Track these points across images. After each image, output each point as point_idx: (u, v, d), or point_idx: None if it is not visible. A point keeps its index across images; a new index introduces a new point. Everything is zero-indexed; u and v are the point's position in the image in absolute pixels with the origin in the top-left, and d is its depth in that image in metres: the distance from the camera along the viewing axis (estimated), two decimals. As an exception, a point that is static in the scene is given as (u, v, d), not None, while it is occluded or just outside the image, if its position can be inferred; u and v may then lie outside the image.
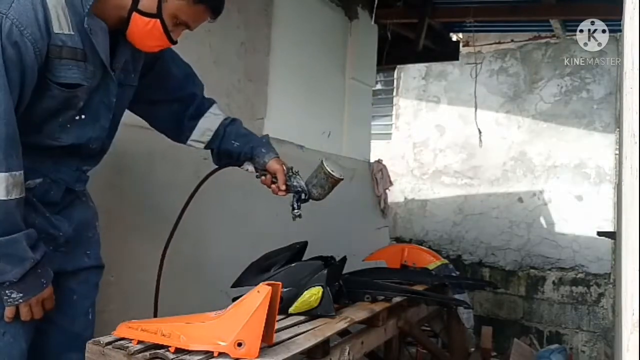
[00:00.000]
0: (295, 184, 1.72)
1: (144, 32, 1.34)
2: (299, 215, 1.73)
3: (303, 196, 1.73)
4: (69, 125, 1.36)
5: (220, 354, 1.15)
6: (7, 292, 1.26)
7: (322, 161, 1.73)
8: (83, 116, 1.37)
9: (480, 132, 4.66)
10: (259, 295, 1.14)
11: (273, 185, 1.72)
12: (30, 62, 1.20)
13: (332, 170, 1.70)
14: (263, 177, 1.74)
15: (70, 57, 1.26)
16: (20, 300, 1.27)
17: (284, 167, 1.70)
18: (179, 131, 1.71)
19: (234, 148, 1.71)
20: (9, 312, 1.29)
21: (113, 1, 1.31)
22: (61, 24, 1.23)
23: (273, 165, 1.69)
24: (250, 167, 1.74)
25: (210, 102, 1.74)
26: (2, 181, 1.18)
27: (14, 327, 1.32)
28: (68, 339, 1.47)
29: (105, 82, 1.39)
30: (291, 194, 1.73)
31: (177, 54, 1.68)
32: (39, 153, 1.35)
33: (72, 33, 1.26)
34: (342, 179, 1.72)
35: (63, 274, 1.43)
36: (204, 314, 1.24)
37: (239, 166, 1.75)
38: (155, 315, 1.70)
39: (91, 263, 1.53)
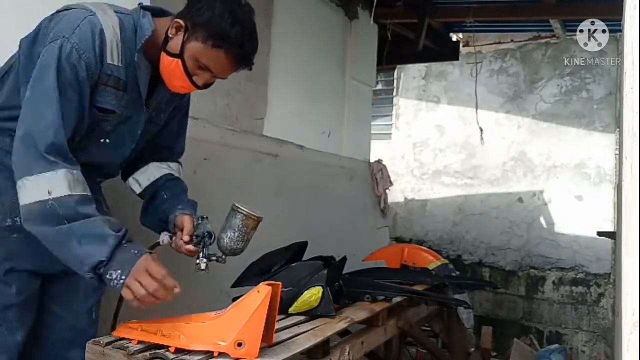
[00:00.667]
0: (200, 230, 1.47)
1: (169, 71, 1.40)
2: (205, 269, 1.44)
3: (209, 242, 1.48)
4: (93, 145, 1.43)
5: (220, 354, 1.15)
6: (107, 276, 1.23)
7: (233, 204, 1.49)
8: (108, 140, 1.45)
9: (481, 130, 4.65)
10: (259, 295, 1.15)
11: (180, 243, 1.48)
12: (83, 83, 1.31)
13: (243, 208, 1.45)
14: (174, 238, 1.50)
15: (112, 86, 1.37)
16: (124, 277, 1.22)
17: (192, 217, 1.51)
18: (132, 166, 1.65)
19: (161, 200, 1.59)
20: (126, 294, 1.24)
21: (157, 44, 1.40)
22: (113, 56, 1.35)
23: (179, 218, 1.50)
24: (165, 238, 1.51)
25: (175, 161, 1.71)
26: (62, 178, 1.23)
27: (9, 320, 1.33)
28: (71, 335, 1.49)
29: (137, 115, 1.47)
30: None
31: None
32: None
33: (120, 65, 1.37)
34: (260, 219, 1.47)
35: (71, 273, 1.43)
36: (204, 314, 1.24)
37: (158, 233, 1.56)
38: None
39: None
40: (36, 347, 1.42)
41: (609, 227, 4.72)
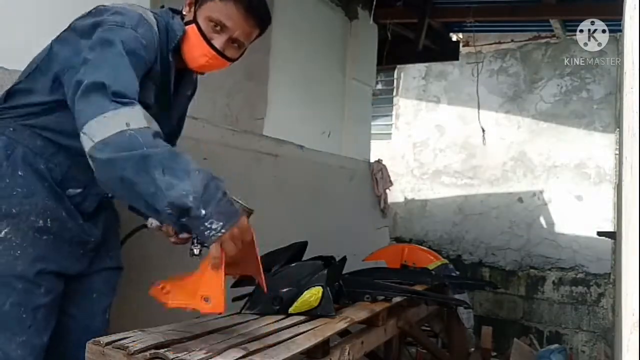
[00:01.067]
0: None
1: (189, 44, 1.42)
2: (198, 254, 1.37)
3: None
4: None
5: (193, 310, 1.21)
6: (206, 224, 1.10)
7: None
8: None
9: (483, 131, 4.65)
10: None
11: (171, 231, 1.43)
12: (143, 69, 1.32)
13: (238, 200, 1.39)
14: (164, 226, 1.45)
15: (154, 82, 1.40)
16: (223, 230, 1.12)
17: None
18: None
19: None
20: (214, 250, 1.14)
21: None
22: (156, 52, 1.37)
23: None
24: (154, 222, 1.49)
25: (173, 144, 1.68)
26: (139, 112, 1.17)
27: (38, 321, 1.34)
28: (86, 335, 1.47)
29: (164, 112, 1.48)
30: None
31: None
32: (83, 165, 1.32)
33: (157, 64, 1.40)
34: (252, 212, 1.44)
35: (85, 274, 1.48)
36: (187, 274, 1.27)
37: (146, 218, 1.52)
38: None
39: (112, 264, 1.58)
40: (51, 348, 1.42)
41: (609, 227, 4.72)
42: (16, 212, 1.30)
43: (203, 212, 1.09)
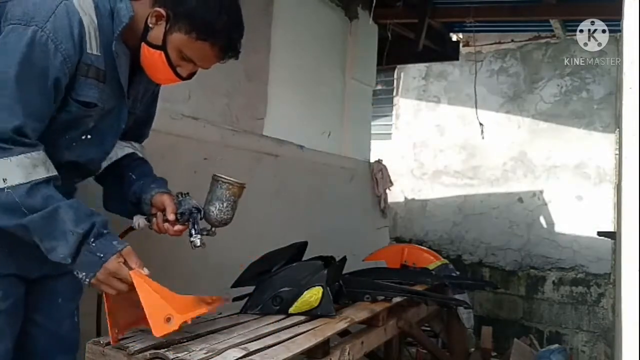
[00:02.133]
0: (185, 206, 1.42)
1: (151, 63, 1.32)
2: (201, 244, 1.41)
3: (199, 217, 1.43)
4: (74, 144, 1.34)
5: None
6: (74, 272, 1.20)
7: (214, 174, 1.45)
8: (89, 136, 1.36)
9: (481, 125, 4.63)
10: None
11: (164, 223, 1.43)
12: (59, 78, 1.21)
13: (226, 177, 1.42)
14: (154, 220, 1.44)
15: (93, 77, 1.27)
16: (87, 280, 1.18)
17: (171, 195, 1.46)
18: None
19: (130, 181, 1.49)
20: (97, 289, 1.22)
21: (136, 31, 1.31)
22: (92, 45, 1.24)
23: (158, 197, 1.44)
24: (141, 221, 1.46)
25: (140, 143, 1.65)
26: (15, 164, 1.13)
27: None
28: (55, 342, 1.44)
29: (118, 108, 1.39)
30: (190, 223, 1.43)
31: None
32: None
33: (99, 54, 1.27)
34: (244, 186, 1.44)
35: (48, 277, 1.41)
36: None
37: (129, 217, 1.51)
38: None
39: None
40: (21, 357, 1.38)
41: (609, 227, 4.72)
42: None
43: (78, 273, 1.18)
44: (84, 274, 1.18)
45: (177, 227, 1.42)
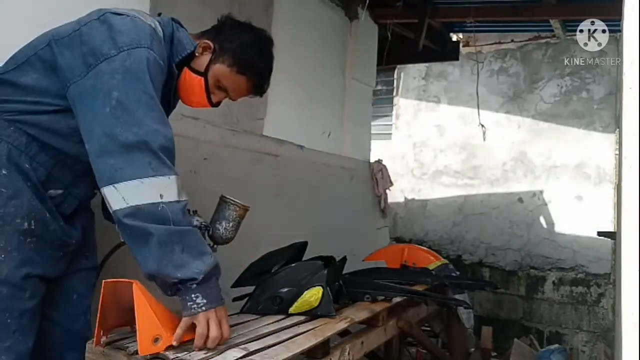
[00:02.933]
0: (194, 224, 1.47)
1: (189, 87, 1.47)
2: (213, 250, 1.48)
3: (206, 233, 1.51)
4: None
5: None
6: (192, 295, 1.21)
7: (222, 195, 1.55)
8: None
9: (483, 126, 4.64)
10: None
11: None
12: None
13: (234, 199, 1.53)
14: None
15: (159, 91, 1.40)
16: (203, 308, 1.21)
17: None
18: None
19: None
20: (184, 323, 1.21)
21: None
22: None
23: None
24: None
25: None
26: (174, 183, 1.23)
27: (23, 325, 1.32)
28: (69, 338, 1.48)
29: None
30: None
31: None
32: (67, 165, 1.38)
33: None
34: (248, 208, 1.55)
35: (64, 275, 1.46)
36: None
37: None
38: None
39: (89, 264, 1.56)
40: (34, 353, 1.39)
41: (609, 227, 4.72)
42: (1, 214, 1.26)
43: (197, 297, 1.21)
44: (204, 301, 1.21)
45: None
